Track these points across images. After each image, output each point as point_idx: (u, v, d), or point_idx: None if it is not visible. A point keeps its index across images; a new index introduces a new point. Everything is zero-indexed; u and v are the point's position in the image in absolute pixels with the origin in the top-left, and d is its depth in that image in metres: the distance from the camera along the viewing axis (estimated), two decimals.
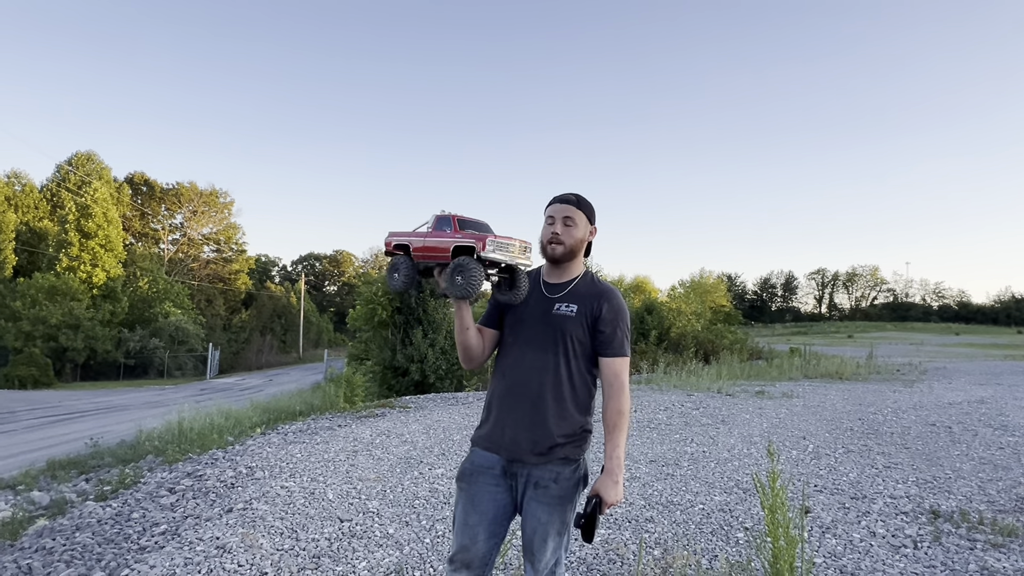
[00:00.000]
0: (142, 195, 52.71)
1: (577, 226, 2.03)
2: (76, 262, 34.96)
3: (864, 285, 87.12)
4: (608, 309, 1.99)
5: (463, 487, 2.03)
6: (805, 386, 12.46)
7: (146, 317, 38.39)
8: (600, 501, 1.87)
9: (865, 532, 3.85)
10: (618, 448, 1.91)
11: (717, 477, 5.20)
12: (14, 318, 30.66)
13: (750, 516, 4.16)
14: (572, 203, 2.03)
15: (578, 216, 2.03)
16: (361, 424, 7.81)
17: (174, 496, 4.77)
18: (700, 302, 27.00)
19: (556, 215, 2.03)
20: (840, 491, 4.78)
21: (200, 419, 8.27)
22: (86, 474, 6.21)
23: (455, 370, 14.25)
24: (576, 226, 2.03)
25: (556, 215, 2.03)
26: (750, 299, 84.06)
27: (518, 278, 2.01)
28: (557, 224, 2.02)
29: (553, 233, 2.02)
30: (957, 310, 76.73)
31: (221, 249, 56.48)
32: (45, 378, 28.03)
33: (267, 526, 3.95)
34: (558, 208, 2.03)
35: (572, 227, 2.02)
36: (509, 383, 2.02)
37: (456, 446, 6.41)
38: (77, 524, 4.20)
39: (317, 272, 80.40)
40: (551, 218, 2.04)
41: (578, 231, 2.03)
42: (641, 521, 4.07)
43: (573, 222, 2.02)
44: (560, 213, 2.02)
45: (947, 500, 4.54)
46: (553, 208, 2.04)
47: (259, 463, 5.73)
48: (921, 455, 6.07)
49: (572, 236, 2.02)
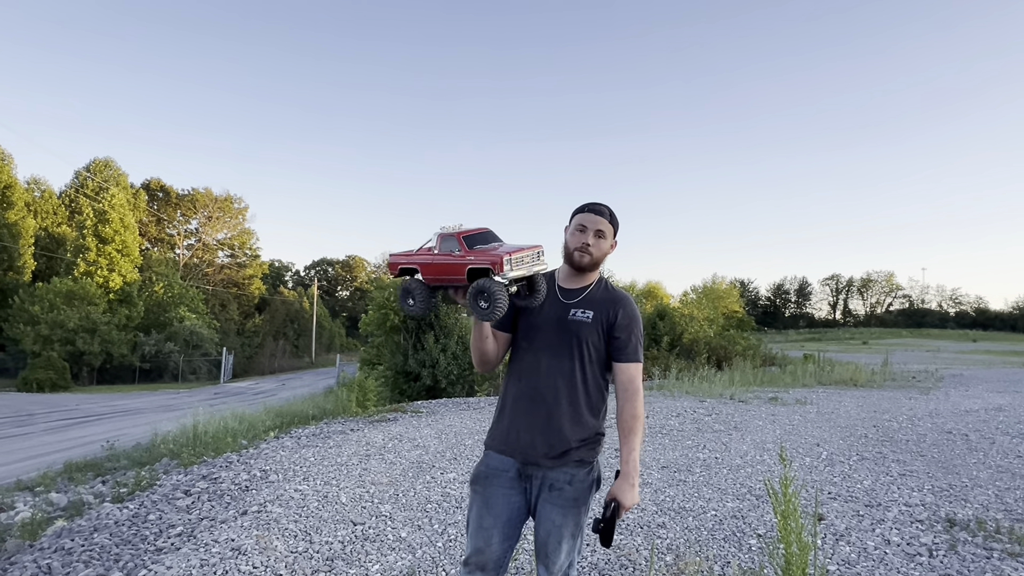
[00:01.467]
0: (158, 201, 53.38)
1: (606, 239, 2.06)
2: (93, 267, 35.43)
3: (879, 291, 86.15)
4: (623, 315, 2.02)
5: (477, 490, 2.05)
6: (819, 393, 12.35)
7: (161, 321, 38.80)
8: (618, 505, 1.88)
9: (879, 540, 3.82)
10: (634, 452, 1.93)
11: (730, 483, 5.17)
12: (33, 322, 31.07)
13: (763, 522, 4.14)
14: (605, 216, 2.05)
15: (608, 230, 2.05)
16: (373, 428, 7.85)
17: (189, 498, 4.83)
18: (712, 308, 26.86)
19: (589, 225, 2.03)
20: (854, 498, 4.74)
21: (214, 423, 8.35)
22: (103, 476, 6.31)
23: (467, 375, 14.27)
24: (605, 239, 2.05)
25: (589, 225, 2.03)
26: (763, 305, 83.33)
27: (537, 283, 1.99)
28: (588, 234, 2.03)
29: (584, 243, 2.02)
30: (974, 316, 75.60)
31: (235, 254, 57.01)
32: (62, 381, 28.37)
33: (281, 528, 3.99)
34: (592, 219, 2.04)
35: (602, 239, 2.05)
36: (524, 387, 2.04)
37: (468, 451, 6.43)
38: (95, 525, 4.26)
39: (330, 277, 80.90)
40: (583, 227, 2.04)
41: (606, 244, 2.06)
42: (653, 527, 4.07)
43: (603, 235, 2.04)
44: (593, 224, 2.03)
45: (963, 508, 4.49)
46: (586, 217, 2.04)
47: (273, 466, 5.78)
48: (937, 463, 6.01)
49: (601, 249, 2.05)
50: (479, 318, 1.85)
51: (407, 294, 1.98)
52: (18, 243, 34.57)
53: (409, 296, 1.98)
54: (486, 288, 1.79)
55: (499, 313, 1.80)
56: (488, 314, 1.81)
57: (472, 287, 1.82)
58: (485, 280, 1.81)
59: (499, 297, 1.79)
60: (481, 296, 1.81)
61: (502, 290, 1.80)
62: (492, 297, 1.79)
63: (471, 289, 1.82)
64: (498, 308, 1.80)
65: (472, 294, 1.82)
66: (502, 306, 1.80)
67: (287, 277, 75.41)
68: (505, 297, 1.80)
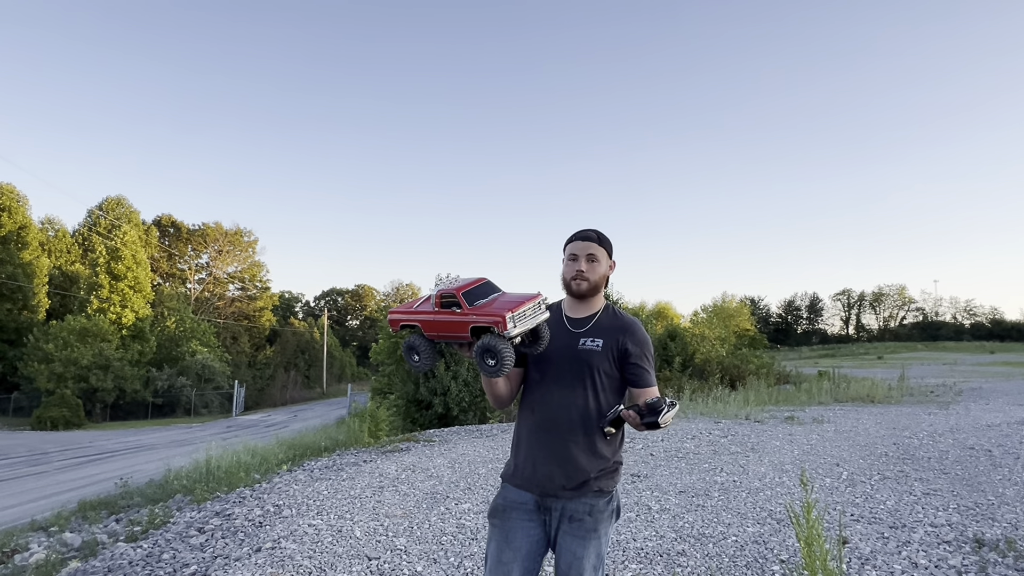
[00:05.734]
0: (169, 236, 54.10)
1: (600, 262, 2.07)
2: (106, 304, 35.82)
3: (892, 305, 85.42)
4: (633, 343, 2.01)
5: (496, 523, 2.04)
6: (836, 410, 12.18)
7: (173, 356, 39.02)
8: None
9: (907, 563, 3.72)
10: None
11: (749, 507, 5.08)
12: (47, 360, 31.31)
13: (785, 548, 4.05)
14: (594, 240, 2.07)
15: (600, 252, 2.08)
16: (386, 459, 7.80)
17: (203, 536, 4.79)
18: (724, 327, 26.62)
19: (579, 253, 2.07)
20: (878, 520, 4.64)
21: (227, 457, 8.32)
22: (116, 515, 6.27)
23: (478, 402, 14.18)
24: (599, 262, 2.07)
25: (579, 253, 2.07)
26: (775, 322, 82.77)
27: (541, 332, 1.97)
28: (581, 261, 2.06)
29: (578, 271, 2.06)
30: (991, 328, 74.58)
31: (246, 287, 57.47)
32: (76, 418, 28.45)
33: (296, 565, 3.94)
34: (581, 245, 2.07)
35: (596, 263, 2.07)
36: (539, 420, 2.03)
37: (482, 480, 6.36)
38: (109, 566, 4.23)
39: (339, 307, 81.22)
40: (574, 256, 2.08)
41: (601, 267, 2.08)
42: (672, 554, 3.99)
43: (596, 258, 2.07)
44: (583, 251, 2.07)
45: (991, 528, 4.38)
46: (575, 246, 2.08)
47: (286, 501, 5.74)
48: (961, 480, 5.88)
49: (596, 272, 2.07)
50: (487, 375, 1.84)
51: (411, 351, 1.97)
52: (32, 282, 35.08)
53: (414, 352, 1.97)
54: (492, 347, 1.79)
55: (507, 370, 1.80)
56: (496, 371, 1.81)
57: (478, 346, 1.81)
58: (490, 338, 1.79)
59: (506, 355, 1.78)
60: (488, 355, 1.80)
61: (508, 348, 1.79)
62: (499, 355, 1.79)
63: (477, 348, 1.81)
64: (505, 366, 1.79)
65: (478, 353, 1.81)
66: (509, 363, 1.79)
67: (297, 308, 75.81)
68: (511, 354, 1.79)
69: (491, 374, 1.82)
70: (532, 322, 1.88)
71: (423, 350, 1.96)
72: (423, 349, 1.96)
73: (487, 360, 1.81)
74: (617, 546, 4.14)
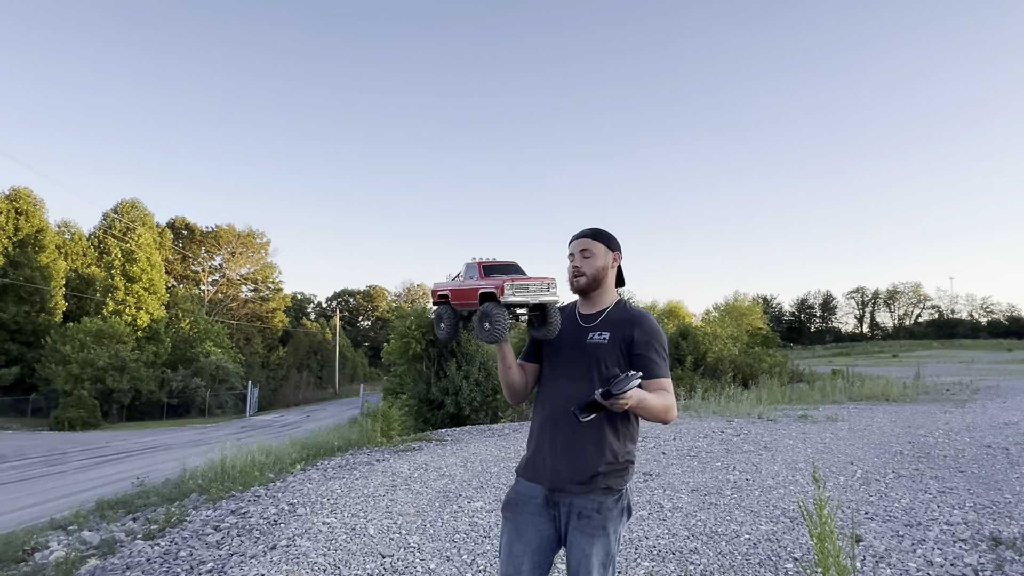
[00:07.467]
0: (183, 239, 54.64)
1: (595, 255, 2.10)
2: (122, 306, 36.27)
3: (907, 302, 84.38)
4: (640, 334, 2.00)
5: (508, 516, 2.07)
6: (850, 409, 12.08)
7: (188, 357, 39.40)
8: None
9: (922, 561, 3.70)
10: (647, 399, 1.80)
11: (762, 506, 5.06)
12: (64, 362, 31.73)
13: (799, 546, 4.04)
14: (587, 236, 2.13)
15: (594, 246, 2.11)
16: (399, 458, 7.84)
17: (219, 534, 4.85)
18: (736, 325, 26.44)
19: (574, 250, 2.13)
20: (893, 518, 4.61)
21: (242, 457, 8.40)
22: (134, 513, 6.36)
23: (490, 401, 14.21)
24: (594, 256, 2.10)
25: (574, 250, 2.13)
26: (787, 321, 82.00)
27: (549, 314, 2.07)
28: (576, 258, 2.12)
29: (574, 267, 2.12)
30: (1008, 325, 73.44)
31: (259, 288, 57.92)
32: (93, 419, 28.81)
33: (310, 563, 3.98)
34: (574, 244, 2.14)
35: (590, 257, 2.11)
36: (548, 413, 2.07)
37: (494, 478, 6.39)
38: (127, 563, 4.29)
39: (351, 307, 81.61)
40: (571, 255, 2.15)
41: (597, 260, 2.10)
42: (685, 552, 3.99)
43: (590, 252, 2.11)
44: (577, 248, 2.13)
45: (1008, 526, 4.34)
46: (570, 246, 2.16)
47: (300, 499, 5.79)
48: (977, 479, 5.82)
49: (592, 265, 2.10)
50: (482, 339, 2.00)
51: (439, 319, 2.28)
52: (50, 285, 35.55)
53: (440, 321, 2.27)
54: (488, 311, 1.98)
55: (499, 334, 1.96)
56: (489, 335, 1.97)
57: (479, 311, 2.01)
58: (488, 304, 2.00)
59: (498, 319, 1.95)
60: (485, 318, 1.98)
61: (501, 312, 1.96)
62: (492, 319, 1.96)
63: (477, 312, 2.01)
64: (498, 329, 1.95)
65: (478, 317, 2.00)
66: (501, 327, 1.95)
67: (309, 309, 76.29)
68: (504, 319, 1.95)
69: (486, 337, 1.99)
70: (534, 297, 2.05)
71: (447, 319, 2.25)
72: (447, 318, 2.26)
73: (484, 324, 1.99)
74: (629, 544, 4.14)
